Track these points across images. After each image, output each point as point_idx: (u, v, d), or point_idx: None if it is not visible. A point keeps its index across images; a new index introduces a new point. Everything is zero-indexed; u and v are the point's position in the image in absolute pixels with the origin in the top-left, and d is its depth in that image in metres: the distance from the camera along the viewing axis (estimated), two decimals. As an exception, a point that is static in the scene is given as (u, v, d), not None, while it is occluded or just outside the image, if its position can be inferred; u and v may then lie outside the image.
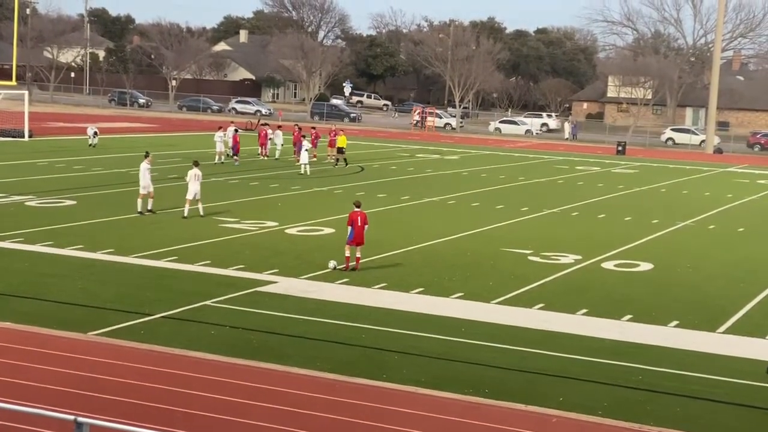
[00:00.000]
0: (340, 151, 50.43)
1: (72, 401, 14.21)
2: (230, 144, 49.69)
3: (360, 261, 24.19)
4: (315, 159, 49.97)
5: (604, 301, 22.32)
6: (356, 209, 24.28)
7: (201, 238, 27.56)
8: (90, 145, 53.46)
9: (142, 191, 31.48)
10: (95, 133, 54.55)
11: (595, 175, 53.85)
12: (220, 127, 51.42)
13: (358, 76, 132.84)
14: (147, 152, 33.24)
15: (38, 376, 15.33)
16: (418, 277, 23.42)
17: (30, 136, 57.50)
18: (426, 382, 15.98)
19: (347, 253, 24.02)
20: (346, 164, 50.01)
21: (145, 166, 31.48)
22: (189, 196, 31.21)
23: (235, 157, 49.02)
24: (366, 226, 24.13)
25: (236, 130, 50.66)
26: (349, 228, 24.04)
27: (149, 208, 31.52)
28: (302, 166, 45.60)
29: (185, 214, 31.07)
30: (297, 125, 56.14)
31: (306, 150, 46.10)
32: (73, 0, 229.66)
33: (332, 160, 52.04)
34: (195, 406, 14.41)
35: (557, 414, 14.92)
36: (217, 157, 48.20)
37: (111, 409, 14.05)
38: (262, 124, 59.14)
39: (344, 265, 23.95)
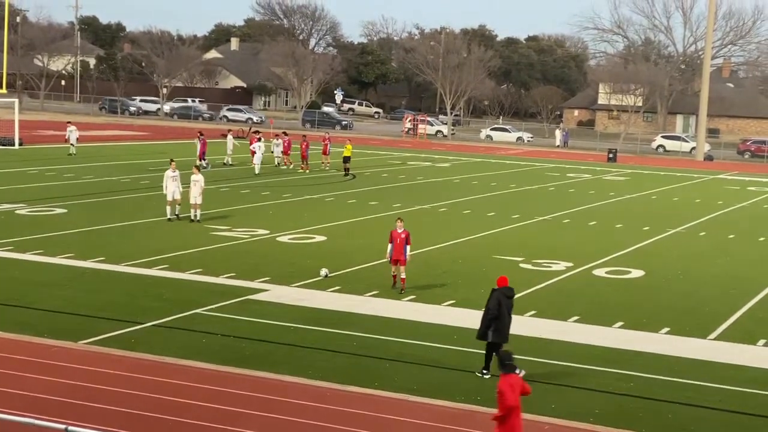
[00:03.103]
0: (346, 160, 50.11)
1: (63, 410, 14.17)
2: (198, 150, 49.84)
3: (405, 281, 23.00)
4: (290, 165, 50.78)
5: (596, 308, 22.34)
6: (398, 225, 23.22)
7: (192, 246, 27.53)
8: (70, 153, 53.12)
9: (168, 198, 31.93)
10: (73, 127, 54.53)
11: (587, 183, 53.94)
12: (200, 133, 51.73)
13: (350, 84, 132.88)
14: (171, 159, 33.72)
15: (29, 385, 15.27)
16: (409, 285, 23.40)
17: (20, 144, 57.35)
18: (418, 390, 15.98)
19: (393, 272, 23.26)
20: (346, 174, 49.63)
21: (169, 173, 31.94)
22: (192, 201, 31.80)
23: (202, 161, 49.01)
24: (408, 246, 22.85)
25: (201, 134, 50.67)
26: (390, 245, 22.97)
27: (176, 213, 32.00)
28: (255, 165, 48.12)
29: (193, 218, 31.77)
30: (284, 132, 56.18)
31: (263, 153, 48.71)
32: (63, 8, 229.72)
33: (326, 168, 52.14)
34: (186, 414, 14.38)
35: (549, 421, 14.93)
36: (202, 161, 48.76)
37: (102, 418, 14.01)
38: (253, 132, 59.13)
39: (393, 283, 23.26)
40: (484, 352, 17.10)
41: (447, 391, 15.99)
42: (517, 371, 16.27)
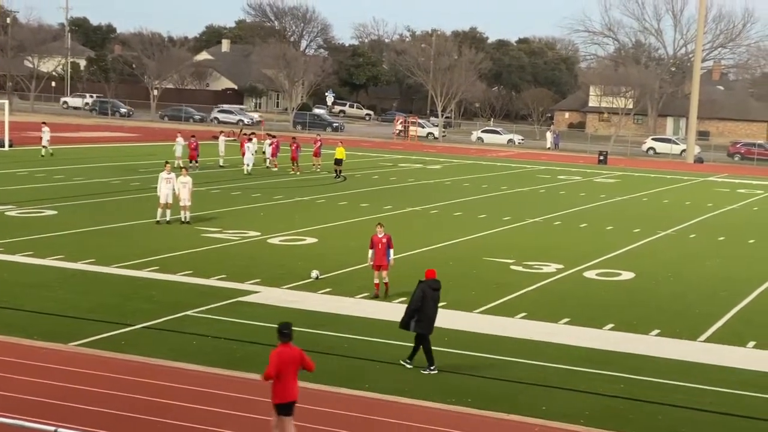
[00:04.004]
0: (338, 162, 49.84)
1: (53, 412, 14.13)
2: (178, 153, 49.83)
3: (388, 285, 22.62)
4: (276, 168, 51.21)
5: (586, 310, 22.38)
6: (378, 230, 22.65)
7: (182, 248, 27.48)
8: (51, 154, 52.76)
9: (161, 200, 31.77)
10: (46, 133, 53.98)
11: (577, 185, 54.02)
12: (179, 134, 51.82)
13: (341, 86, 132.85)
14: (166, 162, 33.52)
15: (19, 387, 15.23)
16: (400, 287, 23.38)
17: (10, 146, 57.20)
18: (408, 392, 15.98)
19: (375, 280, 22.61)
20: (337, 175, 49.48)
21: (164, 175, 31.79)
22: (182, 203, 31.72)
23: (192, 164, 49.30)
24: (390, 250, 22.40)
25: (193, 136, 50.99)
26: (371, 251, 22.51)
27: (167, 219, 31.62)
28: (245, 166, 48.92)
29: (183, 220, 31.67)
30: (271, 135, 56.11)
31: (253, 154, 49.53)
32: (54, 9, 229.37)
33: (317, 170, 52.14)
34: (176, 416, 14.35)
35: (540, 423, 14.94)
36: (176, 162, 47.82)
37: (92, 420, 13.98)
38: (244, 134, 59.07)
39: (375, 293, 22.54)
40: (475, 353, 17.12)
41: (438, 393, 15.99)
42: (432, 369, 16.99)
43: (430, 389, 16.17)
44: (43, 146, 53.59)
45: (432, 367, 17.09)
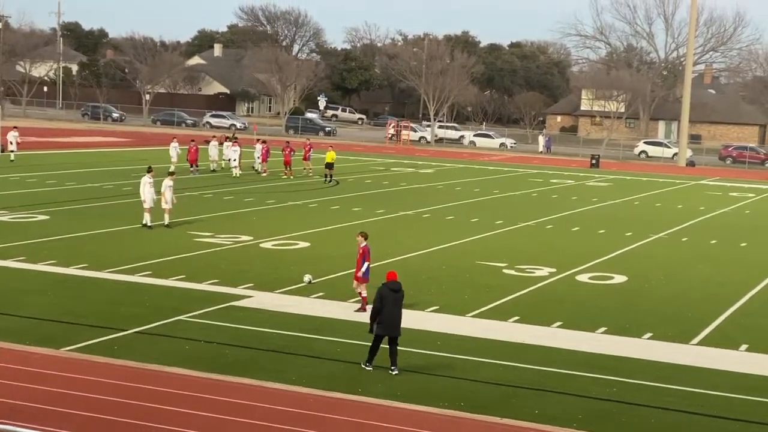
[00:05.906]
0: (329, 166, 49.80)
1: (45, 417, 14.09)
2: (173, 157, 50.58)
3: (366, 299, 21.40)
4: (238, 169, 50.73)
5: (579, 314, 22.40)
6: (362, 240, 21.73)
7: (175, 253, 27.45)
8: (11, 160, 52.47)
9: (145, 205, 31.70)
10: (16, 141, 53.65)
11: (570, 188, 54.09)
12: (175, 138, 52.00)
13: (333, 90, 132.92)
14: (149, 167, 33.46)
15: (11, 393, 15.19)
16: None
17: (2, 151, 57.07)
18: (401, 396, 15.98)
19: (359, 290, 21.82)
20: (330, 179, 49.39)
21: (146, 180, 31.72)
22: (166, 206, 31.72)
23: (192, 167, 50.19)
24: (366, 263, 21.43)
25: (192, 141, 51.47)
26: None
27: (149, 223, 31.62)
28: (233, 169, 49.91)
29: (166, 223, 31.71)
30: (261, 140, 56.09)
31: (234, 159, 50.28)
32: (46, 14, 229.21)
33: (309, 174, 52.13)
34: (169, 421, 14.34)
35: (533, 427, 14.95)
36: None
37: (83, 426, 13.95)
38: (228, 137, 59.01)
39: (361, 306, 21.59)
40: (467, 357, 17.13)
41: (430, 397, 15.99)
42: (394, 370, 17.07)
43: (423, 393, 16.16)
44: (11, 151, 53.14)
45: (393, 368, 17.14)
